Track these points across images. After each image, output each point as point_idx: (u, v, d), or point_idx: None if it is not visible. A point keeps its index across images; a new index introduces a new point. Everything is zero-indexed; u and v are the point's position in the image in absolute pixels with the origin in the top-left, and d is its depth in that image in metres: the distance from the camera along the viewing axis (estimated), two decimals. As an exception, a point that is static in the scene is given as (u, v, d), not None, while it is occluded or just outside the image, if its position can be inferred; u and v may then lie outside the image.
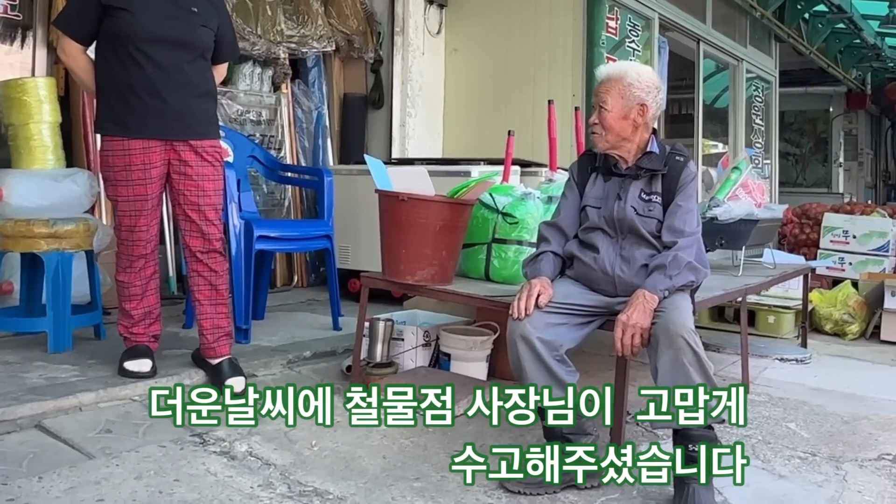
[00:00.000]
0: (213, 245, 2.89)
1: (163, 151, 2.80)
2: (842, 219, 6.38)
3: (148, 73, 2.71)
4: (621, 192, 2.33)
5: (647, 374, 3.43)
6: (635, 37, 5.37)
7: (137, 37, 2.70)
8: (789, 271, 3.98)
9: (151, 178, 2.79)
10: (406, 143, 5.52)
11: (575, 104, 4.59)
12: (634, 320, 2.13)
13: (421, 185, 2.90)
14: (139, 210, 2.81)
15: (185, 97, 2.78)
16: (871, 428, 2.91)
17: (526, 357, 2.17)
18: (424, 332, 3.25)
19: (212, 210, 2.88)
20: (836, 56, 9.30)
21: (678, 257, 2.22)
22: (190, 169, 2.83)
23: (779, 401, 3.23)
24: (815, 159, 11.29)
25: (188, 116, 2.80)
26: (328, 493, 2.13)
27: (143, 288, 2.93)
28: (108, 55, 2.77)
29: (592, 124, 2.36)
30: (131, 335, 2.96)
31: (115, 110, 2.76)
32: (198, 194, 2.85)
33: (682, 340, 2.06)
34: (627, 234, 2.31)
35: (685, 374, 2.06)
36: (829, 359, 4.20)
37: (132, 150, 2.75)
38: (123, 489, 2.08)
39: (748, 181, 3.75)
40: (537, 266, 2.37)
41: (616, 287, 2.30)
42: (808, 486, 2.33)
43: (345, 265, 4.72)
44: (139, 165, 2.76)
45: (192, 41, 2.79)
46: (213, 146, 2.89)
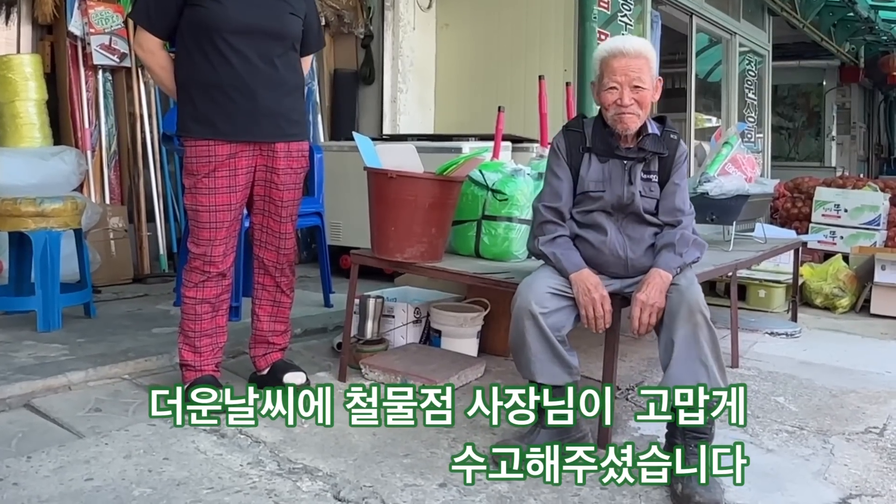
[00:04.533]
0: (287, 259, 2.70)
1: (251, 157, 2.54)
2: (833, 193, 6.36)
3: (236, 69, 2.45)
4: (630, 175, 2.27)
5: (635, 350, 3.47)
6: (627, 11, 5.31)
7: (224, 28, 2.43)
8: (780, 246, 3.97)
9: (237, 186, 2.51)
10: (397, 119, 5.48)
11: (566, 79, 4.55)
12: (653, 299, 2.14)
13: (410, 162, 2.87)
14: (220, 222, 2.50)
15: (277, 94, 2.53)
16: (858, 401, 2.92)
17: (531, 332, 2.16)
18: (415, 308, 3.24)
19: (290, 222, 2.67)
20: (829, 30, 9.24)
21: (685, 235, 2.25)
22: (277, 177, 2.58)
23: (768, 375, 3.23)
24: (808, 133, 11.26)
25: (279, 116, 2.54)
26: (318, 470, 2.13)
27: (214, 307, 2.58)
28: (190, 49, 2.47)
29: (627, 104, 2.19)
30: (194, 364, 2.57)
31: (200, 110, 2.46)
32: (280, 204, 2.61)
33: (700, 316, 2.08)
34: (629, 214, 2.29)
35: (700, 350, 2.07)
36: (818, 332, 4.21)
37: (219, 154, 2.47)
38: (112, 468, 2.08)
39: (738, 156, 3.73)
40: (570, 257, 2.26)
41: (628, 269, 2.29)
42: (796, 460, 2.34)
43: (336, 242, 4.71)
44: (225, 172, 2.48)
45: (282, 31, 2.53)
46: (301, 151, 2.64)
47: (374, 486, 2.04)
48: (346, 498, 1.98)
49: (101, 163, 4.47)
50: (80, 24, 4.33)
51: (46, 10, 4.26)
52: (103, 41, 4.38)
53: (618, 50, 2.22)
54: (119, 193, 4.58)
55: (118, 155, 4.59)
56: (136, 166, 4.58)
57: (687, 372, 2.07)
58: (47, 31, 4.46)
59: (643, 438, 2.42)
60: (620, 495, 2.03)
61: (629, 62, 2.19)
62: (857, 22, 9.15)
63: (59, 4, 4.32)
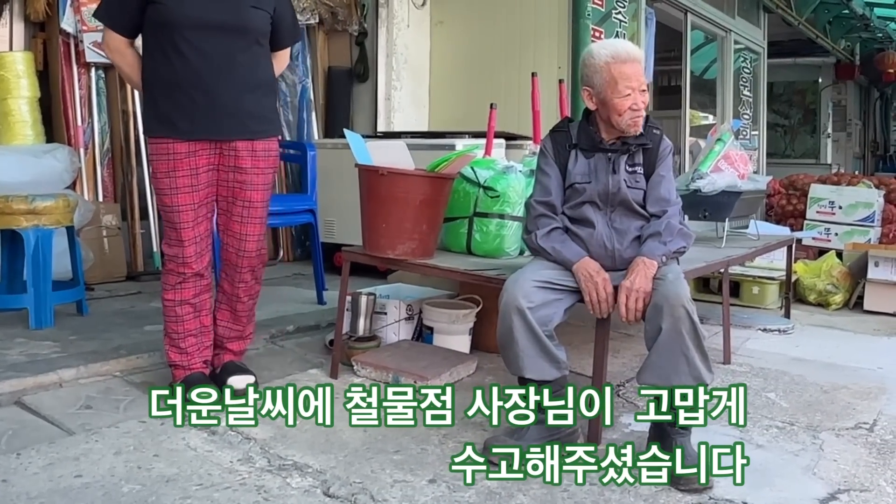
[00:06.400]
0: (249, 263, 2.59)
1: (212, 155, 2.49)
2: (828, 189, 6.38)
3: (194, 66, 2.40)
4: (613, 166, 2.34)
5: (628, 346, 3.47)
6: (622, 8, 5.31)
7: (183, 24, 2.39)
8: (773, 242, 3.99)
9: (199, 185, 2.47)
10: (392, 117, 5.47)
11: (560, 76, 4.56)
12: (638, 285, 2.19)
13: (401, 159, 2.87)
14: (184, 222, 2.46)
15: (238, 91, 2.46)
16: (849, 397, 2.93)
17: (519, 328, 2.18)
18: (407, 305, 3.24)
19: (256, 224, 2.57)
20: (824, 27, 9.24)
21: (671, 224, 2.31)
22: (242, 175, 2.52)
23: (760, 371, 3.24)
24: (803, 130, 11.25)
25: (241, 113, 2.48)
26: (308, 466, 2.14)
27: (195, 308, 2.55)
28: (152, 48, 2.44)
29: (641, 107, 2.29)
30: (181, 363, 2.56)
31: (161, 109, 2.44)
32: (246, 205, 2.54)
33: (682, 310, 2.11)
34: (617, 206, 2.35)
35: (682, 343, 2.11)
36: (811, 329, 4.22)
37: (177, 153, 2.43)
38: (102, 465, 2.08)
39: (731, 153, 3.74)
40: (569, 247, 2.31)
41: (615, 261, 2.34)
42: (785, 455, 2.35)
43: (330, 239, 4.71)
44: (185, 171, 2.44)
45: (243, 26, 2.45)
46: (268, 150, 2.56)
47: (363, 483, 2.05)
48: (335, 494, 1.99)
49: (94, 160, 4.46)
50: (72, 22, 4.32)
51: (39, 7, 4.25)
52: (96, 38, 4.35)
53: (628, 55, 2.29)
54: (112, 191, 4.57)
55: (111, 152, 4.58)
56: (130, 164, 4.57)
57: (668, 361, 2.13)
58: (40, 28, 4.44)
59: (633, 434, 2.42)
60: (610, 490, 2.04)
61: (637, 67, 2.29)
62: (853, 19, 9.15)
63: (51, 2, 4.30)
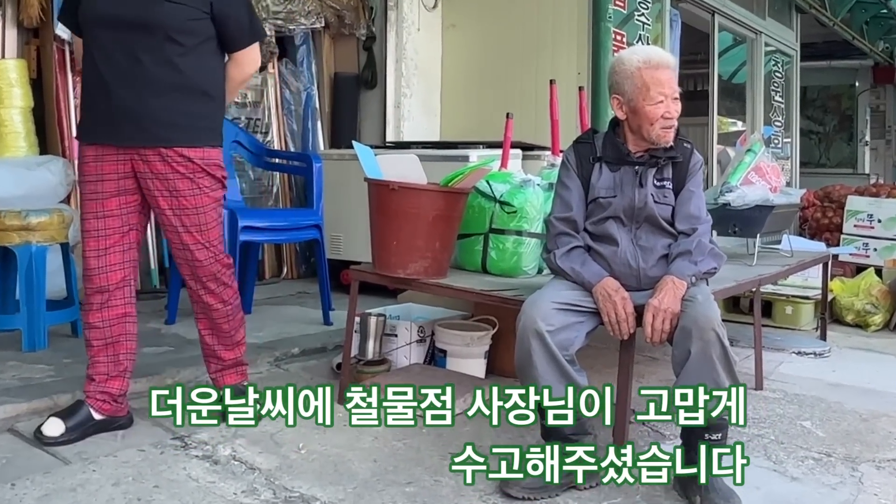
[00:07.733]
0: (206, 272, 2.56)
1: (121, 161, 2.44)
2: (866, 201, 6.36)
3: (99, 66, 2.39)
4: (641, 179, 2.35)
5: (653, 371, 3.48)
6: (645, 9, 5.35)
7: (91, 21, 2.41)
8: (807, 259, 3.99)
9: (104, 193, 2.45)
10: (401, 126, 5.51)
11: (580, 83, 4.58)
12: (666, 304, 2.19)
13: (412, 172, 2.90)
14: (87, 231, 2.46)
15: (141, 94, 2.39)
16: (890, 426, 2.93)
17: (538, 353, 2.19)
18: (419, 327, 3.27)
19: (196, 231, 2.51)
20: (861, 27, 9.25)
21: (701, 242, 2.32)
22: (163, 182, 2.45)
23: (794, 397, 3.24)
24: (839, 138, 11.25)
25: (145, 118, 2.40)
26: (315, 498, 2.16)
27: (103, 333, 2.53)
28: (84, 47, 2.51)
29: (674, 116, 2.31)
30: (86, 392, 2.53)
31: (82, 110, 2.52)
32: (173, 213, 2.49)
33: (712, 333, 2.12)
34: (643, 222, 2.36)
35: (711, 368, 2.12)
36: (849, 352, 4.21)
37: (86, 156, 2.47)
38: (100, 496, 2.11)
39: (762, 164, 3.75)
40: (589, 268, 2.32)
41: (640, 280, 2.35)
42: (822, 489, 2.35)
43: (336, 256, 4.73)
44: (92, 176, 2.46)
45: (149, 22, 2.36)
46: (183, 155, 2.45)
47: (374, 516, 2.07)
48: (344, 529, 2.01)
49: (90, 173, 4.51)
50: (67, 28, 4.39)
51: (32, 12, 4.31)
52: (92, 45, 4.43)
53: (661, 61, 2.32)
54: (108, 205, 4.62)
55: (107, 164, 4.63)
56: (126, 176, 4.62)
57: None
58: (33, 34, 4.51)
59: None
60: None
61: (670, 74, 2.31)
62: (892, 19, 9.16)
63: (45, 7, 4.36)
